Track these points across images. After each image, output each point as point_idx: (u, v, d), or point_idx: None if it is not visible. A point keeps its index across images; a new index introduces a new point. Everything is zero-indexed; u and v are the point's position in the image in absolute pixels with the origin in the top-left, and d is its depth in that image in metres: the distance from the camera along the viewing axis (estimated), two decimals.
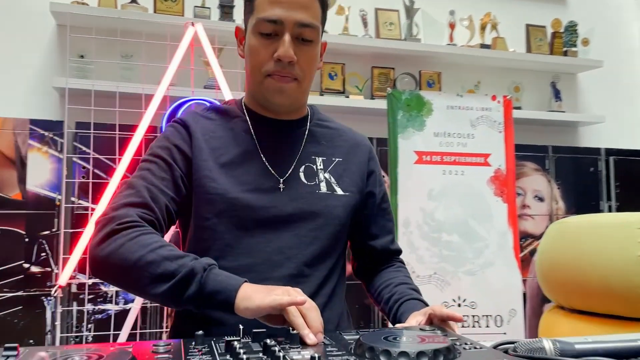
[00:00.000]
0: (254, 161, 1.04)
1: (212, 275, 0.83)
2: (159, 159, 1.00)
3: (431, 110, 2.57)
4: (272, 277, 0.98)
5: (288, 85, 1.02)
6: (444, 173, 2.55)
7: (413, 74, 3.08)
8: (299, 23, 0.99)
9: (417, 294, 1.09)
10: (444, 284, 2.47)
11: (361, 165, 1.13)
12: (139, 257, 0.84)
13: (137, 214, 0.92)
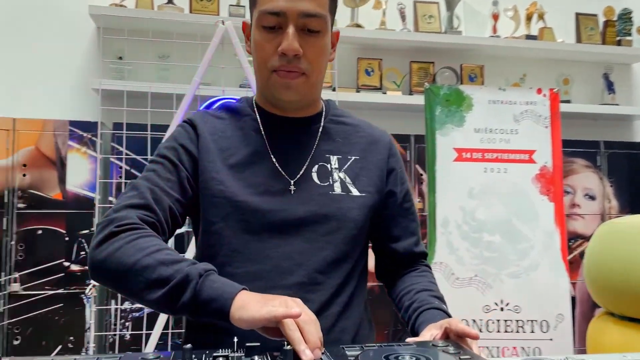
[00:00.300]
0: (264, 162, 0.99)
1: (208, 282, 0.78)
2: (165, 160, 0.97)
3: (471, 105, 2.46)
4: (281, 285, 0.93)
5: (295, 80, 0.96)
6: (485, 171, 2.44)
7: (454, 68, 2.97)
8: (303, 13, 0.93)
9: (439, 302, 1.02)
10: (485, 286, 2.37)
11: (380, 163, 1.06)
12: (135, 261, 0.81)
13: (138, 215, 0.89)
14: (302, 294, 0.93)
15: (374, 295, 2.52)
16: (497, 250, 2.39)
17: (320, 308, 0.94)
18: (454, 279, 2.36)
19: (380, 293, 2.52)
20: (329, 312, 0.95)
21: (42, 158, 2.28)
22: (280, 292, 0.90)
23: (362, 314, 1.02)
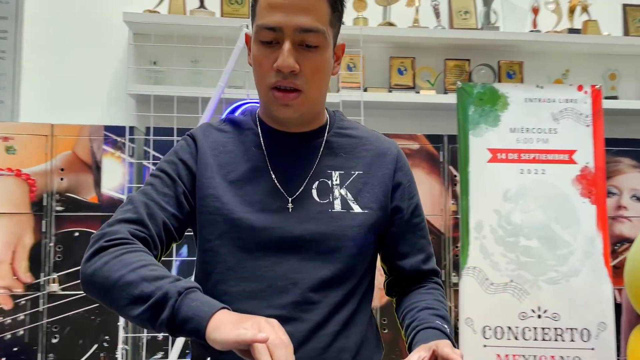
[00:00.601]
0: (263, 179, 0.97)
1: (187, 301, 0.77)
2: (164, 174, 0.97)
3: (507, 104, 2.37)
4: (276, 304, 0.91)
5: (293, 101, 0.93)
6: (521, 172, 2.34)
7: (491, 65, 2.87)
8: (300, 28, 0.89)
9: (442, 320, 0.97)
10: (521, 293, 2.28)
11: (385, 178, 1.01)
12: (119, 276, 0.81)
13: (129, 230, 0.88)
14: (297, 313, 0.91)
15: None
16: (535, 255, 2.29)
17: (316, 327, 0.92)
18: (488, 285, 2.28)
19: None
20: (325, 331, 0.92)
21: (78, 162, 2.35)
22: (275, 311, 0.89)
23: (364, 332, 0.99)
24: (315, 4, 0.90)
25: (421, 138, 2.55)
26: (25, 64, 2.68)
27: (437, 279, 1.09)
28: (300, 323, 0.91)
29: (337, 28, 0.98)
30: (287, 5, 0.89)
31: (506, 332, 2.27)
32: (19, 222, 2.26)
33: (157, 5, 2.65)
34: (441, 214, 2.52)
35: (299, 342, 0.90)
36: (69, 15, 2.72)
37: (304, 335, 0.91)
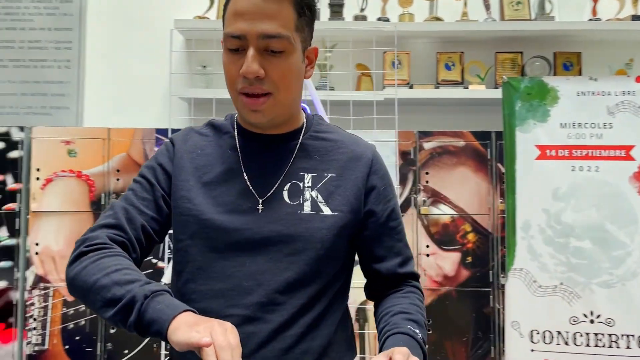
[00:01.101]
0: (236, 180, 0.99)
1: (153, 304, 0.81)
2: (144, 179, 1.01)
3: (557, 98, 2.26)
4: (242, 304, 0.93)
5: (261, 105, 0.95)
6: (573, 169, 2.23)
7: (546, 57, 2.74)
8: (263, 35, 0.91)
9: (412, 325, 0.95)
10: (572, 296, 2.17)
11: (357, 181, 1.01)
12: (94, 280, 0.86)
13: (108, 235, 0.93)
14: (261, 313, 0.93)
15: (452, 300, 2.42)
16: (587, 257, 2.18)
17: (279, 328, 0.93)
18: (536, 287, 2.20)
19: (457, 297, 2.42)
20: (289, 332, 0.93)
21: (132, 164, 2.49)
22: (240, 311, 0.92)
23: (332, 335, 0.98)
24: (279, 10, 0.91)
25: (467, 135, 2.48)
26: (88, 72, 2.87)
27: (415, 282, 1.08)
28: (263, 323, 0.92)
29: (306, 32, 0.98)
30: (250, 13, 0.91)
31: (555, 336, 2.18)
32: (80, 220, 2.43)
33: (207, 12, 2.75)
34: (488, 212, 2.44)
35: (262, 342, 0.92)
36: (126, 26, 2.88)
37: (266, 336, 0.92)
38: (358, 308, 2.41)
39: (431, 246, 2.45)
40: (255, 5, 0.90)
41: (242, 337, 0.80)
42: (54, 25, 2.86)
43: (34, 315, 2.39)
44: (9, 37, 2.86)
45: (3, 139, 2.44)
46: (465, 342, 2.43)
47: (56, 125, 2.73)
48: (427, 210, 2.46)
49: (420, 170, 2.48)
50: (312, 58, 1.02)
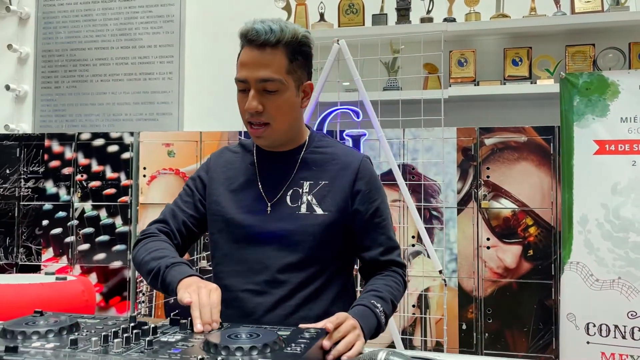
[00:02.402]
0: (252, 188, 1.26)
1: (171, 272, 1.12)
2: (188, 187, 1.34)
3: (617, 92, 2.26)
4: (254, 282, 1.20)
5: (261, 133, 1.20)
6: (634, 164, 2.22)
7: (620, 48, 2.68)
8: (260, 79, 1.16)
9: (376, 300, 1.16)
10: (631, 291, 2.18)
11: (345, 186, 1.24)
12: (142, 258, 1.20)
13: (157, 227, 1.28)
14: (268, 288, 1.20)
15: (512, 291, 2.50)
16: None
17: (280, 300, 1.19)
18: (593, 281, 2.23)
19: (518, 289, 2.50)
20: (289, 303, 1.19)
21: None
22: (253, 286, 1.20)
23: (328, 307, 1.20)
24: (272, 59, 1.16)
25: (529, 130, 2.53)
26: (187, 82, 3.30)
27: (397, 268, 1.28)
28: (269, 296, 1.19)
29: (299, 72, 1.21)
30: (250, 63, 1.17)
31: (612, 330, 2.20)
32: None
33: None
34: (551, 207, 2.48)
35: (268, 309, 1.19)
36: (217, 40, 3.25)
37: (271, 305, 1.19)
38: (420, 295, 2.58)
39: (492, 239, 2.54)
40: (254, 57, 1.17)
41: (253, 306, 1.15)
42: (158, 42, 3.32)
43: (142, 290, 2.86)
44: (124, 54, 3.36)
45: (117, 143, 2.93)
46: (526, 333, 2.50)
47: (161, 130, 3.19)
48: (487, 204, 2.55)
49: (480, 165, 2.57)
50: (308, 91, 1.26)
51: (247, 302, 1.19)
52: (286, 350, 0.77)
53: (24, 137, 3.05)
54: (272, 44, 1.15)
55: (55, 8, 3.47)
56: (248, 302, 1.19)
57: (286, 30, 1.16)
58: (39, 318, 0.88)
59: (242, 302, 1.20)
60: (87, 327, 0.87)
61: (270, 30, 1.15)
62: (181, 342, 0.83)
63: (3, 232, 3.02)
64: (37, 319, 0.88)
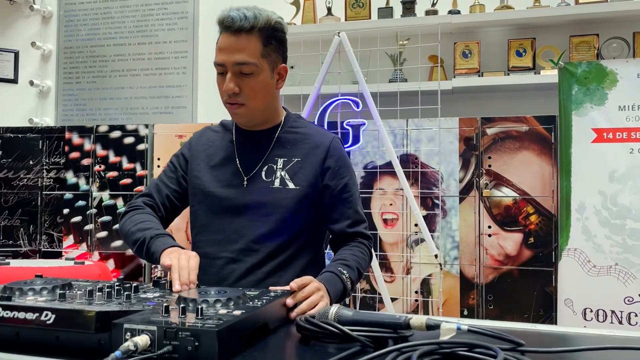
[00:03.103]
0: (231, 164, 1.36)
1: (155, 242, 1.22)
2: (171, 164, 1.44)
3: (615, 81, 2.28)
4: (229, 250, 1.30)
5: (237, 110, 1.30)
6: (631, 152, 2.24)
7: (624, 38, 2.69)
8: (236, 62, 1.26)
9: (342, 267, 1.25)
10: (627, 277, 2.21)
11: (315, 163, 1.34)
12: (128, 229, 1.30)
13: (143, 201, 1.38)
14: (242, 256, 1.29)
15: (513, 278, 2.54)
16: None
17: (252, 267, 1.29)
18: (590, 267, 2.26)
19: (518, 276, 2.54)
20: (260, 270, 1.29)
21: None
22: (229, 254, 1.28)
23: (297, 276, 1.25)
24: (247, 44, 1.25)
25: (530, 120, 2.56)
26: (200, 77, 3.41)
27: (363, 239, 1.37)
28: (242, 263, 1.28)
29: (274, 56, 1.30)
30: (227, 47, 1.27)
31: (609, 315, 2.23)
32: None
33: (293, 18, 3.12)
34: (552, 195, 2.51)
35: (241, 275, 1.28)
36: None
37: (244, 272, 1.29)
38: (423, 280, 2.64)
39: (493, 227, 2.59)
40: (230, 42, 1.26)
41: (228, 272, 1.23)
42: (173, 38, 3.44)
43: (156, 275, 2.98)
44: (141, 50, 3.50)
45: (133, 135, 3.06)
46: (526, 319, 2.54)
47: (176, 122, 3.31)
48: (489, 192, 2.59)
49: (482, 154, 2.62)
50: (283, 74, 1.36)
51: (223, 268, 1.30)
52: (248, 304, 0.86)
53: (46, 129, 3.21)
54: (247, 29, 1.25)
55: (76, 7, 3.62)
56: (223, 269, 1.30)
57: (260, 16, 1.26)
58: (37, 279, 0.99)
59: (218, 268, 1.30)
60: (79, 287, 0.97)
61: (245, 17, 1.24)
62: (157, 298, 0.92)
63: (27, 220, 3.18)
64: (36, 280, 0.98)
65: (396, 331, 0.76)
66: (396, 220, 2.68)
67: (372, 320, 0.77)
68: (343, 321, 0.78)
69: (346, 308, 0.81)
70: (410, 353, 0.64)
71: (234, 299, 0.85)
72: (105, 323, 0.74)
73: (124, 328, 0.73)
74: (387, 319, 0.76)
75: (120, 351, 0.67)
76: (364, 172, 2.71)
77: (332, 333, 0.76)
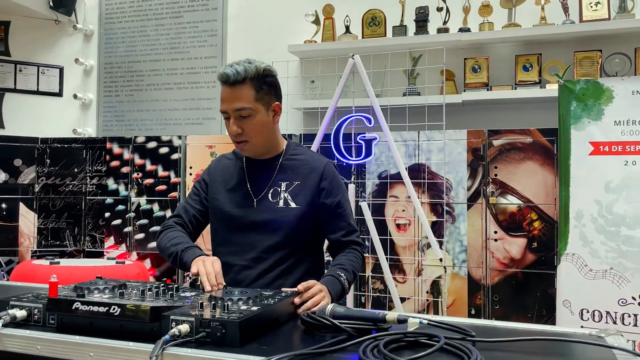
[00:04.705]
0: (242, 187, 1.64)
1: (186, 254, 1.50)
2: (195, 188, 1.72)
3: (612, 97, 2.44)
4: (244, 259, 1.58)
5: (243, 147, 1.59)
6: (626, 164, 2.41)
7: (626, 54, 2.84)
8: (235, 109, 1.53)
9: (340, 270, 1.50)
10: (621, 280, 2.37)
11: (313, 185, 1.62)
12: (164, 244, 1.59)
13: (174, 220, 1.66)
14: (254, 264, 1.56)
15: (517, 280, 2.73)
16: (637, 244, 2.36)
17: (262, 272, 1.56)
18: (587, 271, 2.44)
19: (522, 278, 2.72)
20: (269, 275, 1.56)
21: None
22: (243, 262, 1.56)
23: (300, 279, 1.50)
24: (241, 93, 1.52)
25: (534, 132, 2.74)
26: None
27: (356, 246, 1.62)
28: (254, 270, 1.56)
29: (267, 98, 1.56)
30: (226, 98, 1.55)
31: (604, 316, 2.40)
32: None
33: (314, 36, 3.36)
34: (554, 203, 2.69)
35: (253, 279, 1.55)
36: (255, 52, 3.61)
37: (256, 276, 1.56)
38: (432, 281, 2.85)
39: (499, 232, 2.78)
40: (228, 93, 1.54)
41: (243, 277, 1.52)
42: (203, 54, 3.72)
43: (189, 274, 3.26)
44: (174, 65, 3.78)
45: (168, 145, 3.34)
46: (530, 318, 2.72)
47: (206, 133, 3.59)
48: (495, 200, 2.79)
49: (489, 164, 2.81)
50: (277, 110, 1.62)
51: (238, 274, 1.57)
52: (263, 302, 1.10)
53: (89, 140, 3.52)
54: (240, 81, 1.51)
55: (115, 25, 3.93)
56: (239, 274, 1.57)
57: (249, 68, 1.52)
58: (99, 280, 1.25)
59: (234, 273, 1.57)
60: (132, 287, 1.23)
61: (237, 72, 1.51)
62: (193, 296, 1.17)
63: (72, 222, 3.50)
64: (98, 281, 1.24)
65: (376, 324, 0.98)
66: (408, 225, 2.90)
67: (358, 315, 1.00)
68: (337, 316, 1.01)
69: (340, 306, 1.04)
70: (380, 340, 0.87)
71: (252, 297, 1.09)
72: (156, 315, 0.99)
73: (170, 319, 0.98)
74: (369, 315, 0.99)
75: (169, 336, 0.92)
76: (378, 180, 2.93)
77: (326, 325, 1.00)
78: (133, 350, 0.93)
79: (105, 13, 3.96)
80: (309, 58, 3.40)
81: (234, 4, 3.71)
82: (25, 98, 3.96)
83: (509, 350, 0.98)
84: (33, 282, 2.13)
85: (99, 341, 0.96)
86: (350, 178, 2.91)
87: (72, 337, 0.98)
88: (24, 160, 3.47)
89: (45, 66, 3.97)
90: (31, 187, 3.48)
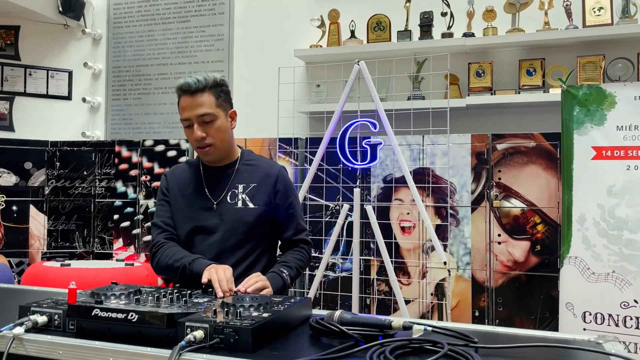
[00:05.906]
0: (201, 192, 1.74)
1: (194, 265, 1.57)
2: (160, 201, 1.79)
3: (614, 103, 2.48)
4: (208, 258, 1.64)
5: (207, 151, 1.70)
6: (628, 168, 2.44)
7: (629, 58, 2.87)
8: (198, 115, 1.65)
9: (283, 267, 1.65)
10: (624, 283, 2.41)
11: (269, 187, 1.76)
12: (165, 263, 1.66)
13: (163, 237, 1.73)
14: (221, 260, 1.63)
15: (521, 282, 2.76)
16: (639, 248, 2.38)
17: None
18: (590, 274, 2.47)
19: (526, 281, 2.76)
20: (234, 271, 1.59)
21: None
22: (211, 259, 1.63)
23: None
24: (203, 100, 1.65)
25: (537, 136, 2.78)
26: (235, 93, 3.72)
27: (304, 245, 1.77)
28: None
29: (224, 105, 1.69)
30: (189, 106, 1.66)
31: (607, 318, 2.43)
32: None
33: (319, 40, 3.40)
34: (557, 206, 2.72)
35: None
36: (262, 57, 3.66)
37: None
38: (437, 283, 2.89)
39: (502, 235, 2.81)
40: (191, 101, 1.65)
41: None
42: (210, 58, 3.77)
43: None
44: (181, 69, 3.83)
45: (175, 148, 3.39)
46: (533, 320, 2.76)
47: None
48: (498, 203, 2.82)
49: (493, 168, 2.84)
50: (234, 116, 1.75)
51: None
52: (274, 308, 1.14)
53: (98, 143, 3.58)
54: (201, 89, 1.64)
55: (123, 30, 3.98)
56: None
57: (208, 78, 1.66)
58: (114, 285, 1.30)
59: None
60: (147, 292, 1.27)
61: (198, 80, 1.64)
62: (206, 302, 1.21)
63: (81, 224, 3.56)
64: (114, 286, 1.29)
65: (382, 330, 1.02)
66: (413, 228, 2.94)
67: (365, 322, 1.04)
68: (344, 322, 1.05)
69: (348, 312, 1.08)
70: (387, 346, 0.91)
71: (263, 304, 1.14)
72: (172, 321, 1.04)
73: (185, 325, 1.03)
74: (376, 321, 1.03)
75: (185, 342, 0.96)
76: (383, 184, 2.97)
77: (334, 331, 1.04)
78: (151, 356, 0.98)
79: (113, 17, 4.01)
80: (314, 62, 3.44)
81: (240, 9, 3.76)
82: (35, 102, 4.02)
83: (510, 356, 1.02)
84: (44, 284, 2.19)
85: (118, 346, 1.01)
86: (355, 182, 2.95)
87: (92, 342, 1.03)
88: (34, 163, 3.53)
89: (55, 70, 4.03)
90: (41, 190, 3.54)
